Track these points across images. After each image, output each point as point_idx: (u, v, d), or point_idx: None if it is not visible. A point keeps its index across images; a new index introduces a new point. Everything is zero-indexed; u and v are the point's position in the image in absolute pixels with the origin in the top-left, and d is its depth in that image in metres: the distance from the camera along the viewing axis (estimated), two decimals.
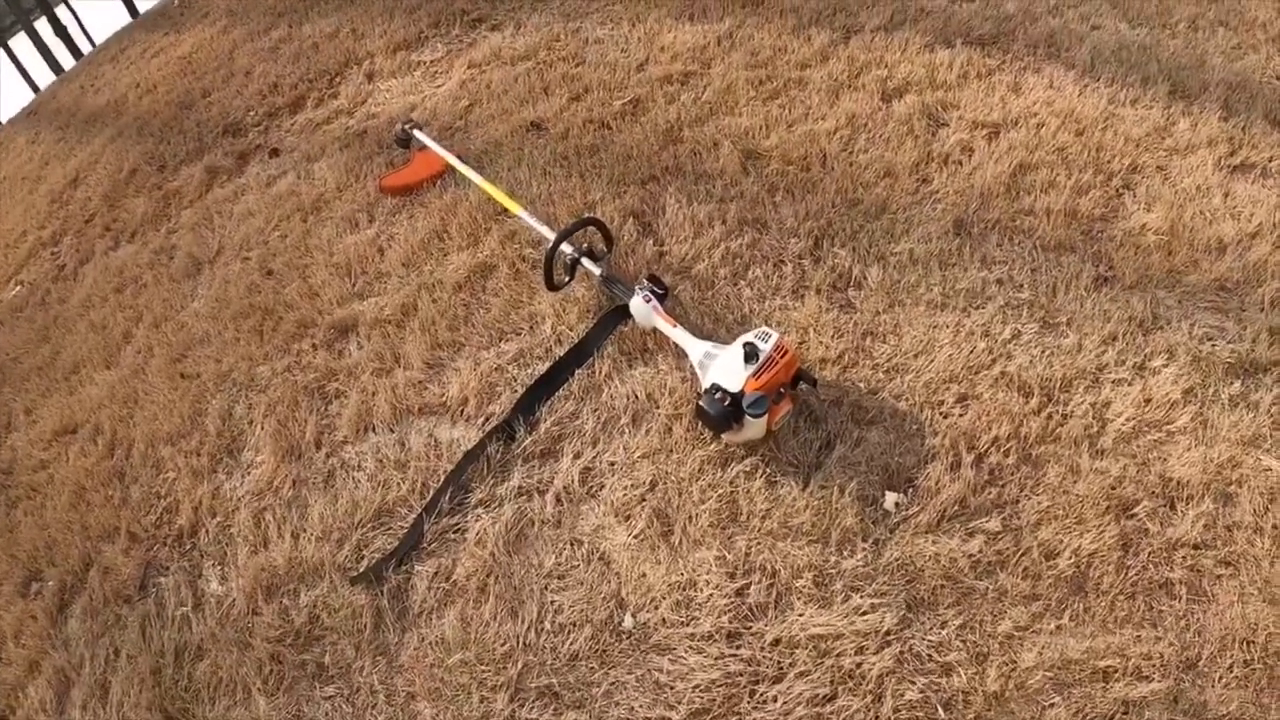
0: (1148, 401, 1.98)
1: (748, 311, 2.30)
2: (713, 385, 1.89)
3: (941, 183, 2.61)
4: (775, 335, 1.91)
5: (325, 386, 2.48)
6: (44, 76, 6.72)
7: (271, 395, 2.51)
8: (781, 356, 1.89)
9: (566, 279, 2.39)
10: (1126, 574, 1.71)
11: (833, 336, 2.20)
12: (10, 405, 3.18)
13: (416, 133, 3.20)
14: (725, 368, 1.90)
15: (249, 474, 2.35)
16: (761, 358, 1.87)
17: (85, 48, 6.86)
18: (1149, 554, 1.74)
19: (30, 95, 6.52)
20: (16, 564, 2.45)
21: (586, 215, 2.50)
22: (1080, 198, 2.52)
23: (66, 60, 6.76)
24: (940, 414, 2.01)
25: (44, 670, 2.12)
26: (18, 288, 3.96)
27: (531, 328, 2.42)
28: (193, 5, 5.91)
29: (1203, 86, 2.99)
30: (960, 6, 3.54)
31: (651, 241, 2.56)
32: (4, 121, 6.27)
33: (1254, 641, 1.61)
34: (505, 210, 2.70)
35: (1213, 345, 2.10)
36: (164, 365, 2.84)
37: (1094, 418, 1.96)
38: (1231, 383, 2.01)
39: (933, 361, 2.11)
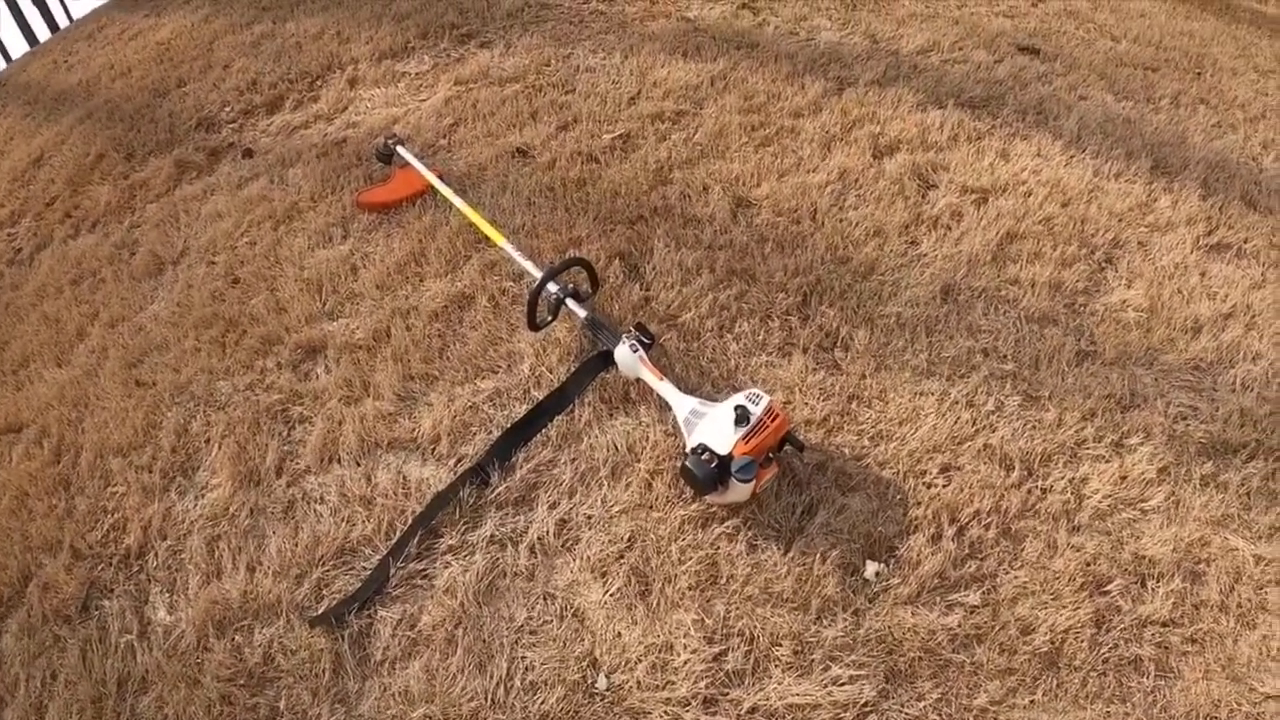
0: (1123, 479, 2.00)
1: (733, 367, 2.26)
2: (700, 445, 1.84)
3: (930, 246, 2.61)
4: (766, 398, 1.88)
5: (289, 410, 2.38)
6: (17, 46, 6.49)
7: (231, 414, 2.40)
8: (772, 421, 1.85)
9: (549, 319, 2.33)
10: (1099, 650, 1.72)
11: (819, 398, 2.17)
12: None
13: (399, 149, 3.12)
14: (714, 428, 1.86)
15: (203, 496, 2.24)
16: (752, 421, 1.83)
17: (62, 20, 6.64)
18: (1120, 631, 1.75)
19: (2, 64, 6.30)
20: None
21: (574, 255, 2.45)
22: (1064, 270, 2.54)
23: (43, 32, 6.53)
24: (924, 484, 2.00)
25: None
26: None
27: (510, 366, 2.34)
28: None
29: (1183, 163, 3.06)
30: (953, 67, 3.58)
31: (638, 286, 2.51)
32: None
33: (1217, 718, 1.64)
34: (487, 239, 2.63)
35: (1187, 425, 2.13)
36: (118, 369, 2.71)
37: (1072, 494, 1.98)
38: (1203, 463, 2.05)
39: (917, 430, 2.09)
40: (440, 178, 2.95)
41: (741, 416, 1.83)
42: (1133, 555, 1.86)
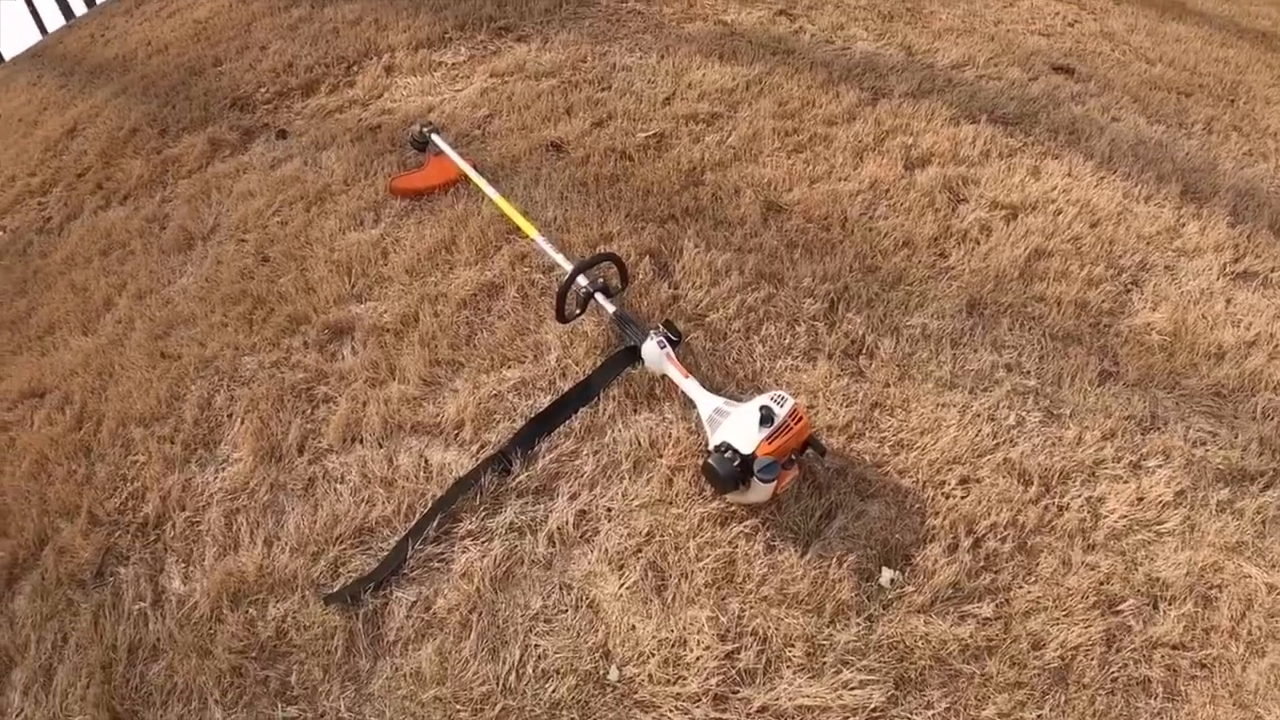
0: (1140, 500, 1.99)
1: (758, 369, 2.26)
2: (723, 444, 1.85)
3: (958, 259, 2.61)
4: (791, 401, 1.88)
5: (314, 389, 2.39)
6: (54, 20, 6.55)
7: (256, 390, 2.42)
8: (796, 423, 1.86)
9: (578, 312, 2.33)
10: (1108, 669, 1.71)
11: (842, 404, 2.17)
12: None
13: (435, 136, 3.13)
14: (738, 428, 1.86)
15: (224, 470, 2.25)
16: (776, 422, 1.83)
17: None
18: (1130, 651, 1.74)
19: (37, 37, 6.35)
20: None
21: (605, 250, 2.45)
22: (1091, 290, 2.53)
23: (79, 7, 6.58)
24: (942, 494, 1.99)
25: None
26: (0, 233, 3.83)
27: (536, 357, 2.35)
28: None
29: (1213, 190, 3.05)
30: (987, 83, 3.58)
31: (666, 284, 2.51)
32: (6, 60, 6.09)
33: None
34: (518, 230, 2.64)
35: (1205, 450, 2.12)
36: (144, 341, 2.74)
37: (1089, 512, 1.97)
38: (1220, 489, 2.04)
39: (938, 440, 2.09)
40: (474, 167, 2.96)
41: (766, 417, 1.83)
42: (1146, 576, 1.86)
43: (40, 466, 2.43)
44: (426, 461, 2.14)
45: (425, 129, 3.16)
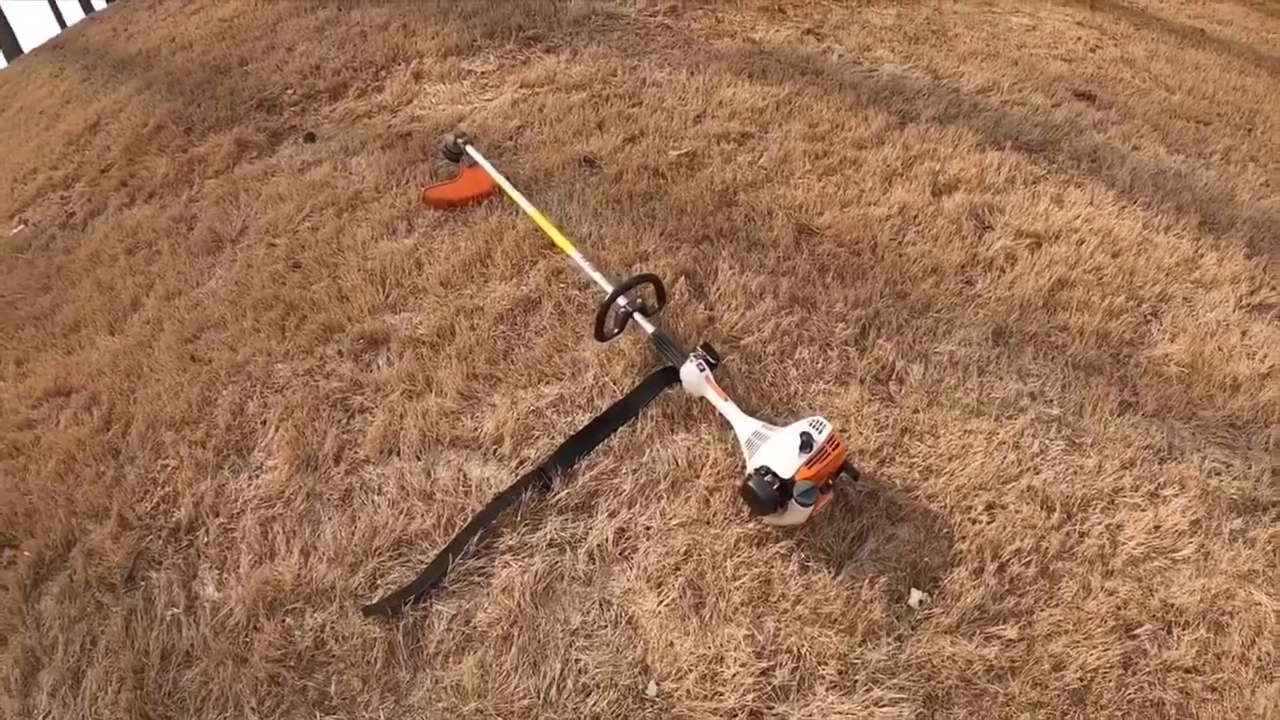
0: (1157, 529, 2.03)
1: (792, 392, 2.30)
2: (763, 467, 1.88)
3: (985, 287, 2.65)
4: (829, 427, 1.91)
5: (349, 399, 2.41)
6: (73, 14, 6.55)
7: (290, 398, 2.44)
8: (833, 449, 1.89)
9: (616, 331, 2.37)
10: (1124, 691, 1.75)
11: (873, 429, 2.21)
12: (1, 353, 3.06)
13: (468, 148, 3.16)
14: (777, 452, 1.89)
15: (258, 477, 2.27)
16: (815, 448, 1.86)
17: None
18: (1146, 674, 1.78)
19: (57, 29, 6.36)
20: None
21: (642, 270, 2.49)
22: (1112, 320, 2.57)
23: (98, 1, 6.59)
24: (969, 519, 2.03)
25: (11, 646, 2.02)
26: (21, 226, 3.85)
27: (574, 374, 2.38)
28: None
29: (1231, 221, 3.09)
30: (1012, 109, 3.61)
31: (702, 305, 2.54)
32: (27, 51, 6.09)
33: None
34: (553, 246, 2.67)
35: (1220, 480, 2.17)
36: (174, 343, 2.75)
37: (1108, 539, 2.01)
38: (1234, 518, 2.08)
39: (966, 467, 2.13)
40: (507, 180, 2.98)
41: (806, 442, 1.86)
42: (1161, 602, 1.90)
43: (67, 467, 2.44)
44: (465, 476, 2.16)
45: (460, 140, 3.19)
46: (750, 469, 1.91)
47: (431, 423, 2.28)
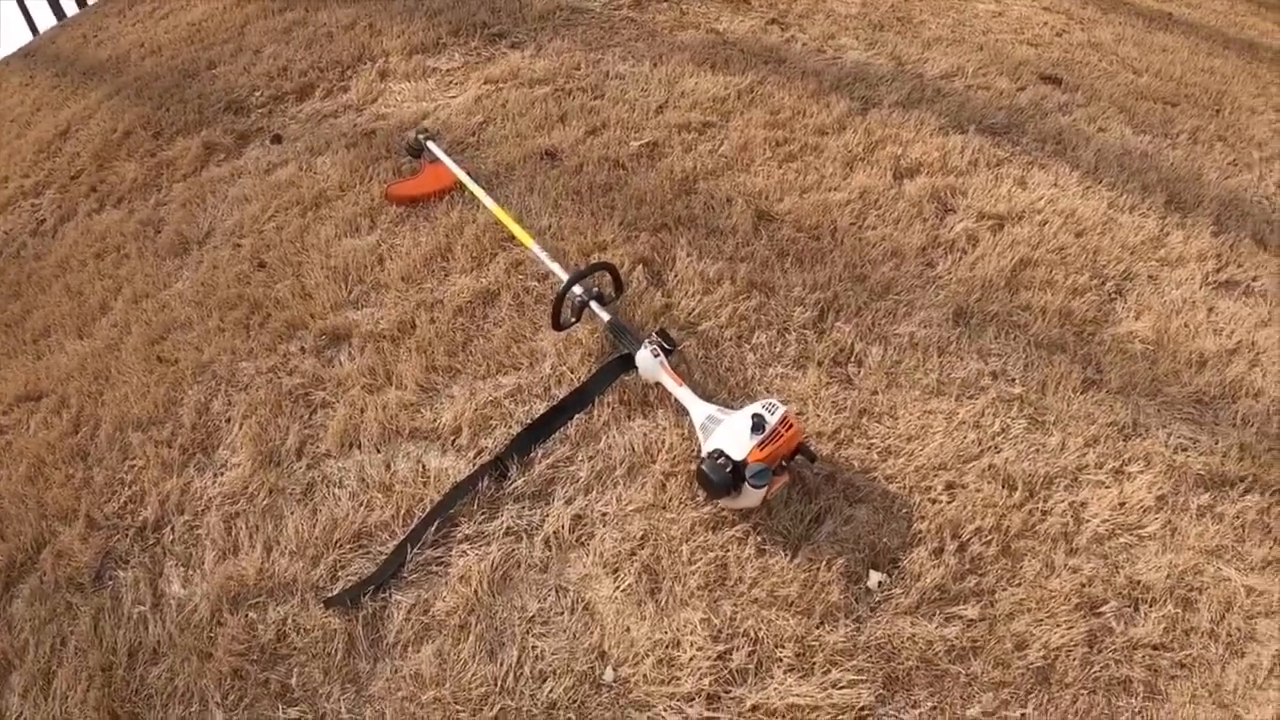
0: (1122, 505, 2.04)
1: (750, 376, 2.31)
2: (716, 450, 1.89)
3: (946, 269, 2.66)
4: (782, 409, 1.92)
5: (311, 394, 2.42)
6: (45, 19, 6.54)
7: (253, 395, 2.44)
8: (786, 430, 1.89)
9: (573, 320, 2.37)
10: (1090, 669, 1.76)
11: (831, 411, 2.21)
12: None
13: (430, 144, 3.16)
14: (730, 435, 1.90)
15: (222, 474, 2.28)
16: (768, 429, 1.87)
17: None
18: (1112, 651, 1.79)
19: (29, 37, 6.35)
20: None
21: (599, 259, 2.49)
22: (1075, 299, 2.58)
23: (70, 7, 6.58)
24: (929, 500, 2.03)
25: None
26: None
27: (532, 364, 2.39)
28: None
29: (1197, 200, 3.10)
30: (976, 93, 3.62)
31: (660, 292, 2.55)
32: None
33: None
34: (513, 238, 2.68)
35: (1186, 456, 2.17)
36: (141, 345, 2.75)
37: (1071, 517, 2.01)
38: (1201, 493, 2.09)
39: (925, 447, 2.14)
40: (469, 174, 2.99)
41: (757, 424, 1.87)
42: (1127, 579, 1.90)
43: (37, 470, 2.44)
44: (424, 467, 2.17)
45: (421, 136, 3.19)
46: (704, 453, 1.92)
47: (391, 415, 2.29)
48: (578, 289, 2.33)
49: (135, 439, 2.43)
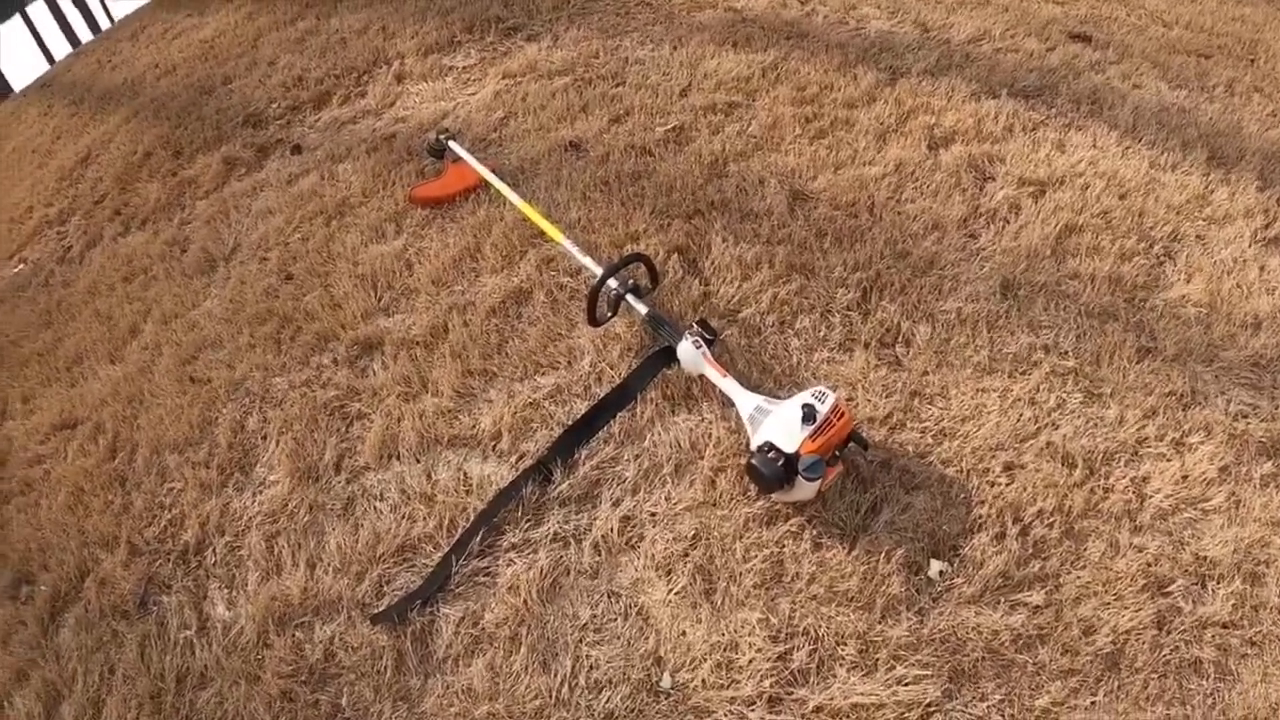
0: (1185, 478, 1.96)
1: (795, 363, 2.24)
2: (766, 443, 1.82)
3: (989, 240, 2.57)
4: (832, 396, 1.86)
5: (346, 407, 2.38)
6: (61, 48, 6.62)
7: (288, 410, 2.41)
8: (838, 419, 1.83)
9: (609, 315, 2.31)
10: (1160, 652, 1.69)
11: (881, 395, 2.14)
12: (6, 391, 3.07)
13: (451, 143, 3.10)
14: (780, 426, 1.83)
15: (261, 493, 2.24)
16: (819, 419, 1.81)
17: (103, 21, 6.78)
18: (1181, 633, 1.72)
19: (45, 66, 6.42)
20: (6, 564, 2.34)
21: (633, 251, 2.43)
22: (1124, 264, 2.49)
23: (84, 33, 6.66)
24: (987, 482, 1.96)
25: (32, 681, 2.01)
26: (21, 265, 3.85)
27: (570, 363, 2.33)
28: None
29: (1239, 154, 2.99)
30: (1005, 56, 3.52)
31: (697, 281, 2.48)
32: (16, 91, 6.17)
33: None
34: (543, 234, 2.61)
35: (1247, 423, 2.09)
36: (173, 366, 2.74)
37: (1134, 493, 1.94)
38: (1264, 462, 2.01)
39: (980, 428, 2.06)
40: (493, 172, 2.93)
41: (808, 414, 1.80)
42: (1193, 556, 1.83)
43: (76, 498, 2.43)
44: (465, 475, 2.12)
45: (442, 136, 3.13)
46: (754, 446, 1.86)
47: (429, 424, 2.24)
48: (613, 282, 2.26)
49: (172, 461, 2.41)
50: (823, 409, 1.82)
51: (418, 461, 2.18)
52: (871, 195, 2.73)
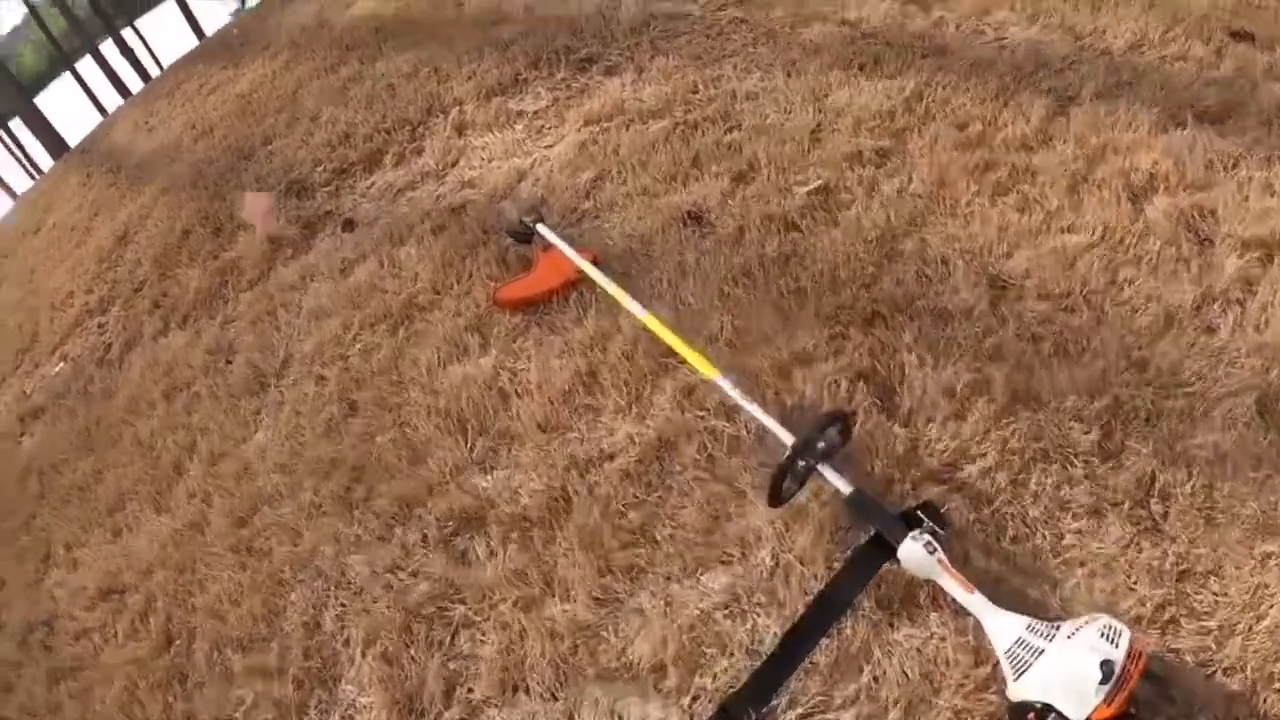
0: None
1: (1039, 544, 1.66)
2: (1043, 706, 1.33)
3: (1228, 334, 1.94)
4: (1126, 634, 1.35)
5: (448, 610, 1.88)
6: (111, 99, 6.83)
7: (374, 611, 1.93)
8: (1135, 666, 1.33)
9: (794, 488, 1.76)
10: None
11: (1148, 582, 1.57)
12: (50, 532, 2.80)
13: (540, 227, 2.57)
14: (1060, 679, 1.34)
15: None
16: (1116, 674, 1.30)
17: (152, 69, 6.95)
18: None
19: (98, 118, 6.57)
20: None
21: (830, 408, 1.87)
22: None
23: (134, 82, 6.78)
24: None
25: None
26: (61, 364, 3.67)
27: (743, 554, 1.76)
28: (252, 35, 5.40)
29: None
30: (1172, 65, 2.86)
31: (895, 424, 1.89)
32: (72, 148, 6.28)
33: None
34: (674, 352, 2.08)
35: None
36: (226, 527, 2.34)
37: None
38: None
39: (1261, 620, 1.48)
40: (595, 262, 2.40)
41: (1107, 672, 1.30)
42: None
43: (130, 694, 2.11)
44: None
45: (530, 221, 2.60)
46: (1017, 695, 1.38)
47: (562, 645, 1.72)
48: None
49: (238, 664, 2.03)
50: (1118, 655, 1.32)
51: (555, 699, 1.67)
52: (1084, 278, 2.11)
